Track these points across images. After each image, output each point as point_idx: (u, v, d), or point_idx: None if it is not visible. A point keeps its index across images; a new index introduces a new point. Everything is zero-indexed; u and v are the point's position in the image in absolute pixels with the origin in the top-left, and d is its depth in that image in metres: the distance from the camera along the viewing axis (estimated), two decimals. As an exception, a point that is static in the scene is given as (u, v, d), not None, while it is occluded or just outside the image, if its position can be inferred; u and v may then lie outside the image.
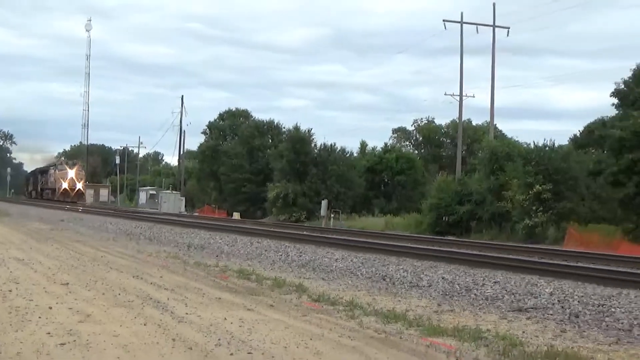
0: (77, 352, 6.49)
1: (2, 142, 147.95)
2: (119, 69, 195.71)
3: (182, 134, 77.15)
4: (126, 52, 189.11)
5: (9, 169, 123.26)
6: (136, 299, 9.95)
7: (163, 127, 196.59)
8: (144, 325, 7.97)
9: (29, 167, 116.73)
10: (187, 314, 8.86)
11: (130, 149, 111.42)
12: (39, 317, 8.14)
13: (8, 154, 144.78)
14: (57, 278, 11.99)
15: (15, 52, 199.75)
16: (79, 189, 78.15)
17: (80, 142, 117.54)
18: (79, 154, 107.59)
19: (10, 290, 10.22)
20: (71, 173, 77.88)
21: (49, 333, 7.26)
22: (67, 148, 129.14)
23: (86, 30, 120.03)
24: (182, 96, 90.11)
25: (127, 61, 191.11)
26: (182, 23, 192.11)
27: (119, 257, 16.83)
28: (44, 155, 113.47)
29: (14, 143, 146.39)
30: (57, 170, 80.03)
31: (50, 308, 8.83)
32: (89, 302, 9.46)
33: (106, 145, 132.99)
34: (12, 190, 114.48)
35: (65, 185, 76.54)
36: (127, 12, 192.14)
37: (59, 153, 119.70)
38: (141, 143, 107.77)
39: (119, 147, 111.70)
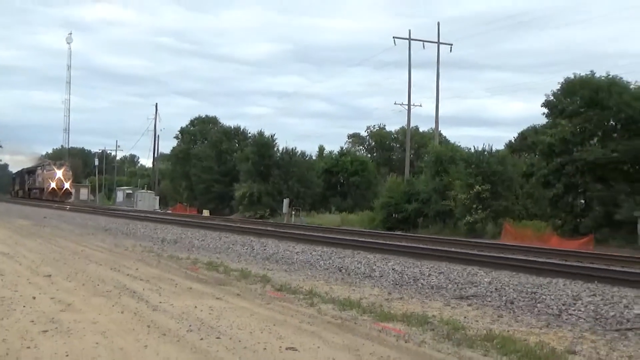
0: (58, 338, 6.41)
1: None
2: (98, 78, 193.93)
3: (156, 139, 76.93)
4: (104, 63, 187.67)
5: None
6: (114, 289, 9.86)
7: (138, 132, 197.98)
8: (121, 313, 7.90)
9: (14, 168, 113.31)
10: (160, 302, 8.80)
11: (108, 151, 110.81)
12: (23, 307, 8.03)
13: None
14: (40, 270, 11.82)
15: (0, 63, 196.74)
16: (67, 189, 73.63)
17: (62, 146, 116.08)
18: (61, 157, 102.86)
19: (-5, 282, 10.05)
20: (59, 173, 72.99)
21: (33, 321, 7.17)
22: (50, 151, 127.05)
23: (67, 43, 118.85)
24: (156, 104, 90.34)
25: (104, 71, 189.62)
26: (155, 37, 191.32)
27: (98, 251, 16.63)
28: (32, 156, 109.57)
29: (0, 146, 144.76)
30: (44, 171, 74.92)
31: (34, 298, 8.72)
32: (70, 293, 9.35)
33: (86, 148, 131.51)
34: None
35: (53, 184, 71.63)
36: (104, 26, 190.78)
37: (46, 152, 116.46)
38: (118, 146, 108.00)
39: (97, 150, 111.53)
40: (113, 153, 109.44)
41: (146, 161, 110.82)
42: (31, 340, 6.26)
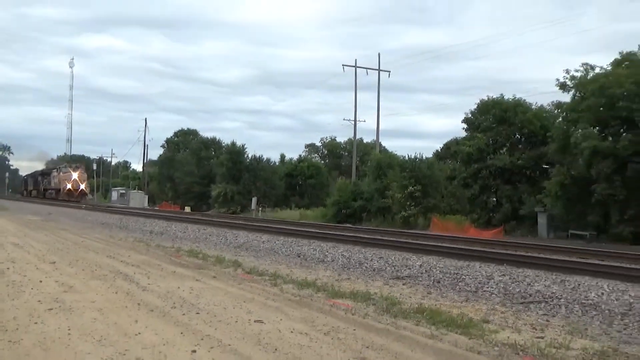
0: (62, 315, 6.29)
1: (1, 152, 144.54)
2: (95, 97, 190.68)
3: (146, 147, 75.25)
4: (101, 84, 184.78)
5: (7, 174, 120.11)
6: (109, 273, 9.69)
7: (130, 141, 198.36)
8: (115, 293, 7.78)
9: (24, 172, 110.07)
10: (149, 284, 8.68)
11: (104, 158, 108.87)
12: (31, 289, 7.85)
13: (6, 162, 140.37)
14: (46, 258, 11.56)
15: (12, 83, 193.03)
16: (82, 189, 64.85)
17: (65, 153, 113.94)
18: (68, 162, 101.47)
19: (8, 268, 9.80)
20: (74, 175, 64.38)
21: (40, 301, 7.02)
22: (54, 158, 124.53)
23: (69, 67, 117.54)
24: (146, 118, 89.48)
25: (101, 91, 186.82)
26: (144, 63, 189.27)
27: (96, 241, 16.33)
28: (47, 160, 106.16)
29: (11, 153, 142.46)
30: (60, 173, 65.95)
31: (41, 281, 8.52)
32: (72, 277, 9.16)
33: (86, 155, 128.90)
34: (10, 190, 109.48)
35: (69, 186, 63.16)
36: (102, 53, 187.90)
37: (57, 156, 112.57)
38: (113, 154, 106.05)
39: (96, 157, 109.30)
40: (109, 159, 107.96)
41: (137, 166, 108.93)
42: (38, 317, 6.14)
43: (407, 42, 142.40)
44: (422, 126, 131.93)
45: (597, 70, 28.09)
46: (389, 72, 48.10)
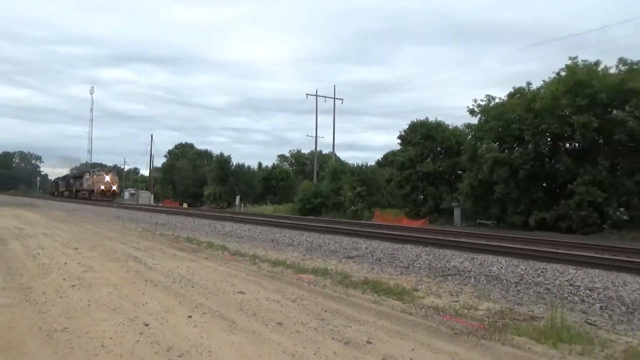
0: (83, 290, 6.10)
1: (34, 161, 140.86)
2: (111, 117, 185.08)
3: (151, 157, 73.52)
4: (116, 107, 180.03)
5: (38, 178, 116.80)
6: (122, 256, 9.43)
7: (139, 152, 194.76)
8: (127, 272, 7.58)
9: (52, 177, 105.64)
10: (154, 264, 8.48)
11: (119, 165, 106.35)
12: (58, 270, 7.58)
13: (38, 169, 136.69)
14: (70, 245, 11.19)
15: (42, 106, 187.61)
16: (114, 190, 57.79)
17: (86, 162, 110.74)
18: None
19: (38, 253, 9.46)
20: (107, 177, 57.56)
21: (65, 279, 6.78)
22: (78, 165, 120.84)
23: (90, 94, 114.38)
24: (152, 134, 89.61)
25: (116, 112, 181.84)
26: (151, 91, 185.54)
27: (111, 231, 15.89)
28: (67, 166, 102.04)
29: (42, 162, 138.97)
30: (94, 175, 58.86)
31: (65, 264, 8.24)
32: (91, 259, 8.89)
33: (103, 163, 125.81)
34: (41, 191, 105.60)
35: (103, 187, 56.09)
36: (116, 83, 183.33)
37: (80, 163, 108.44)
38: (125, 162, 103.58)
39: (111, 165, 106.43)
40: (122, 166, 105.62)
41: (144, 172, 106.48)
42: (63, 292, 5.94)
43: (355, 77, 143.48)
44: (367, 141, 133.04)
45: (497, 100, 28.70)
46: (342, 99, 48.58)
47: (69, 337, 4.14)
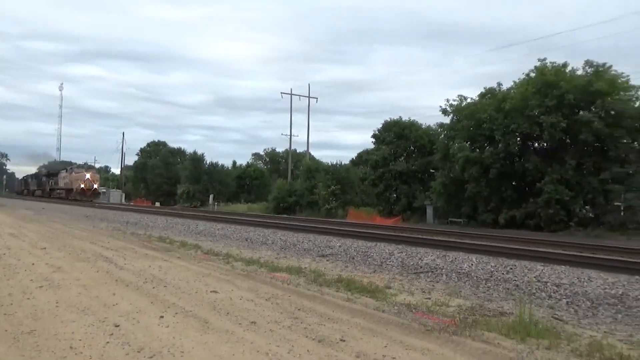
0: (51, 291, 5.95)
1: (1, 158, 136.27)
2: (82, 114, 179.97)
3: (123, 155, 72.06)
4: (86, 104, 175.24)
5: (4, 176, 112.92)
6: (92, 256, 9.23)
7: (110, 150, 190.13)
8: (97, 272, 7.42)
9: (19, 175, 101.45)
10: (125, 264, 8.33)
11: (89, 164, 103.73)
12: (25, 270, 7.37)
13: (4, 167, 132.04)
14: (38, 245, 10.89)
15: (11, 102, 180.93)
16: (95, 189, 51.77)
17: (55, 160, 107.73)
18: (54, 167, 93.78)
19: (4, 254, 9.17)
20: (88, 175, 51.39)
21: (32, 280, 6.60)
22: (46, 163, 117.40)
23: (59, 90, 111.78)
24: (123, 132, 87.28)
25: (86, 110, 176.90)
26: (123, 88, 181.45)
27: (81, 230, 15.53)
28: (35, 164, 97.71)
29: (8, 160, 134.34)
30: (73, 173, 52.24)
31: (33, 264, 8.02)
32: (60, 259, 8.67)
33: (73, 161, 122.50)
34: (7, 190, 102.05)
35: (83, 186, 50.13)
36: (87, 80, 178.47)
37: (55, 159, 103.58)
38: (96, 160, 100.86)
39: (81, 163, 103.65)
40: (92, 164, 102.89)
41: (116, 170, 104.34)
42: (30, 293, 5.78)
43: (330, 76, 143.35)
44: (341, 140, 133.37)
45: (468, 100, 29.23)
46: (317, 98, 48.61)
47: (36, 340, 4.03)
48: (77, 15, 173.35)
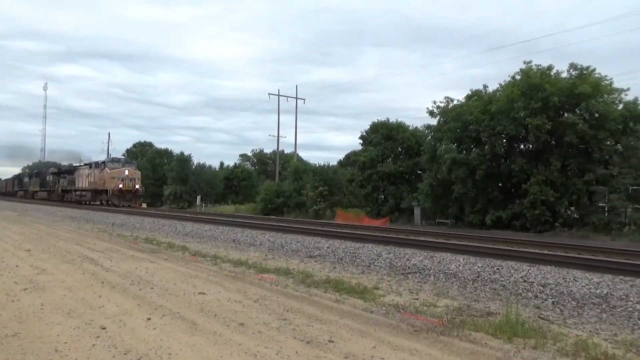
0: (35, 293, 5.86)
1: None
2: (67, 114, 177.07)
3: (109, 156, 70.99)
4: (71, 104, 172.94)
5: None
6: (77, 258, 9.12)
7: (96, 151, 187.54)
8: (83, 274, 7.34)
9: (3, 176, 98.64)
10: (111, 266, 8.25)
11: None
12: (9, 272, 7.26)
13: None
14: (22, 247, 10.73)
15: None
16: (137, 190, 37.78)
17: (39, 160, 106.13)
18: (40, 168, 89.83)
19: (-12, 255, 9.02)
20: (126, 171, 37.72)
21: (16, 282, 6.50)
22: (30, 163, 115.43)
23: (44, 90, 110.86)
24: (109, 133, 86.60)
25: (71, 110, 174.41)
26: (108, 88, 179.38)
27: (66, 232, 15.34)
28: (20, 164, 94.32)
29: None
30: (105, 168, 37.69)
31: (17, 266, 7.90)
32: (45, 261, 8.55)
33: (57, 162, 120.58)
34: None
35: (121, 185, 36.66)
36: (72, 80, 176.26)
37: (39, 160, 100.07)
38: (81, 161, 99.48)
39: (66, 164, 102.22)
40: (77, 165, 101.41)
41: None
42: (14, 295, 5.69)
43: (317, 78, 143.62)
44: (329, 141, 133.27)
45: (455, 102, 29.40)
46: (304, 99, 48.67)
47: (20, 343, 3.97)
48: (61, 15, 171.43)
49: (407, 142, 35.25)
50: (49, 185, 50.61)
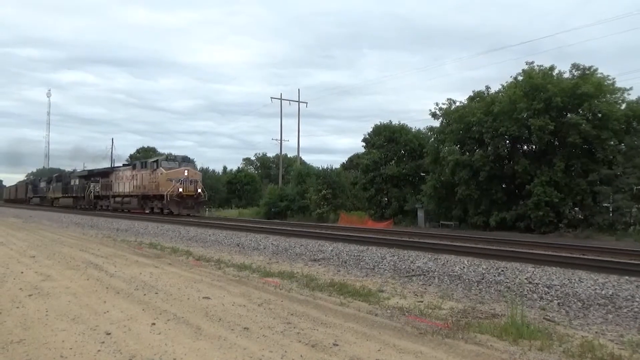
0: (40, 299, 5.87)
1: None
2: (70, 121, 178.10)
3: (112, 162, 71.33)
4: (75, 110, 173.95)
5: None
6: (82, 263, 9.14)
7: (99, 157, 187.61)
8: (87, 280, 7.35)
9: (7, 183, 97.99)
10: (116, 271, 8.26)
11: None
12: (14, 279, 7.28)
13: None
14: (27, 253, 10.76)
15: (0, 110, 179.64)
16: (200, 194, 29.62)
17: (44, 167, 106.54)
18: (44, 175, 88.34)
19: (-7, 262, 9.05)
20: (186, 172, 29.28)
21: (21, 289, 6.52)
22: (34, 170, 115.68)
23: (47, 97, 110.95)
24: (112, 138, 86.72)
25: (74, 116, 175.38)
26: (111, 94, 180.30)
27: (70, 238, 15.38)
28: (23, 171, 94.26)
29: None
30: (160, 168, 29.65)
31: (22, 272, 7.92)
32: (49, 267, 8.57)
33: (61, 168, 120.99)
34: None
35: (181, 189, 28.45)
36: (75, 86, 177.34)
37: (44, 166, 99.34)
38: (85, 167, 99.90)
39: (70, 169, 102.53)
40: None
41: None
42: (19, 302, 5.71)
43: (319, 81, 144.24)
44: (331, 144, 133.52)
45: (458, 103, 29.38)
46: (306, 103, 49.09)
47: (25, 349, 3.98)
48: (63, 22, 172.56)
49: (409, 144, 35.22)
50: (75, 190, 42.97)
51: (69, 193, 44.38)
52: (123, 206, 34.27)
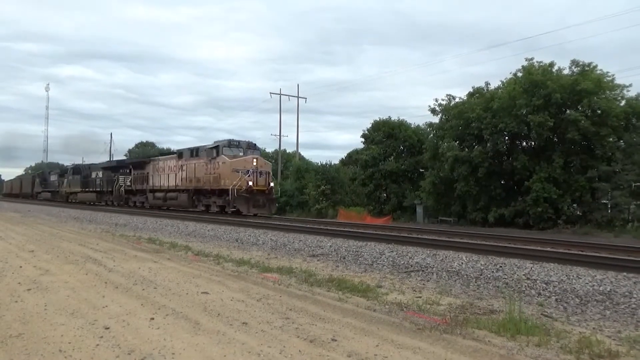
0: (39, 294, 5.88)
1: None
2: (69, 115, 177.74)
3: (111, 156, 70.95)
4: (73, 105, 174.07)
5: None
6: (80, 258, 9.14)
7: (98, 151, 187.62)
8: (86, 275, 7.36)
9: (5, 177, 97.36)
10: (114, 266, 8.27)
11: (76, 164, 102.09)
12: (12, 273, 7.28)
13: None
14: (26, 247, 10.76)
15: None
16: (271, 188, 23.71)
17: (42, 161, 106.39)
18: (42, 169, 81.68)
19: (-8, 256, 9.05)
20: (254, 161, 22.78)
21: (19, 283, 6.53)
22: (32, 164, 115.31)
23: (46, 91, 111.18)
24: (111, 133, 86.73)
25: (73, 111, 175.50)
26: (110, 89, 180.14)
27: (69, 232, 15.38)
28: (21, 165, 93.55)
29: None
30: (222, 155, 22.92)
31: (20, 267, 7.93)
32: (48, 262, 8.58)
33: (60, 162, 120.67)
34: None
35: (250, 183, 22.17)
36: (74, 81, 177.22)
37: (42, 161, 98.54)
38: (84, 161, 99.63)
39: (69, 164, 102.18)
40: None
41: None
42: (18, 296, 5.72)
43: (319, 77, 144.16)
44: (330, 140, 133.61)
45: (457, 99, 29.38)
46: (306, 98, 48.60)
47: (24, 343, 3.98)
48: (62, 16, 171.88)
49: (409, 140, 35.20)
50: (98, 184, 37.11)
51: (90, 187, 38.64)
52: (166, 203, 28.38)
